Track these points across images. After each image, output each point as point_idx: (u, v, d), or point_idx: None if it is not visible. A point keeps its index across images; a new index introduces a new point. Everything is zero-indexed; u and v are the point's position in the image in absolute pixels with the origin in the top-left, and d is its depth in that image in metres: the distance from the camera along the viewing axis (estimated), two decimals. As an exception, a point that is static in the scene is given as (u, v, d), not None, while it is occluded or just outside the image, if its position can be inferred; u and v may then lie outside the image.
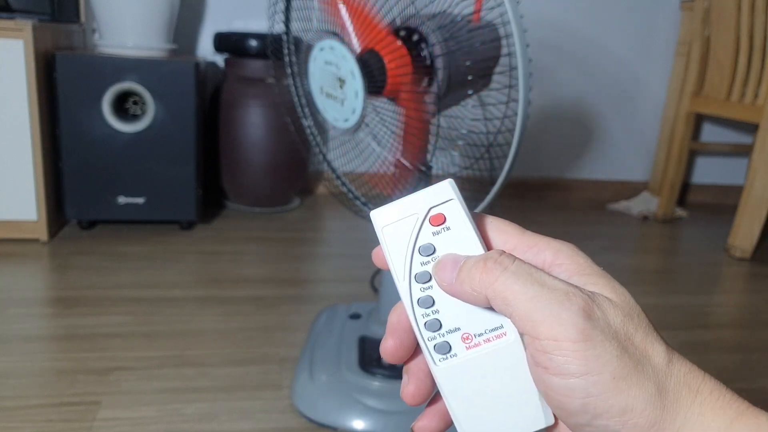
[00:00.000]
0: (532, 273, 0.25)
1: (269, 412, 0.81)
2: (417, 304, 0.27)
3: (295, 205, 1.80)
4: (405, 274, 0.27)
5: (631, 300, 0.26)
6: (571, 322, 0.23)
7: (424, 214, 0.27)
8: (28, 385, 0.82)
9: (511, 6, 0.54)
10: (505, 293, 0.25)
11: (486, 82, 0.69)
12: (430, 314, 0.27)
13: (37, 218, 1.33)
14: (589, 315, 0.24)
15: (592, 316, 0.24)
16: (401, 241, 0.27)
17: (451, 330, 0.27)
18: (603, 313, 0.24)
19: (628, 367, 0.24)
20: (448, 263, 0.26)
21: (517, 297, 0.24)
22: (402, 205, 0.27)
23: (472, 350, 0.26)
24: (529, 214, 1.91)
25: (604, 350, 0.23)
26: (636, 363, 0.24)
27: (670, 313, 1.24)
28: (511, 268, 0.25)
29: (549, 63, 2.00)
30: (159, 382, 0.85)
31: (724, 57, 1.70)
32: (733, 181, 2.27)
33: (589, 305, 0.24)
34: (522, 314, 0.24)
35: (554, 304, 0.24)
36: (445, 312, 0.27)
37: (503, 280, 0.25)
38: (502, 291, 0.25)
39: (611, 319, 0.24)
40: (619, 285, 0.27)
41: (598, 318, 0.24)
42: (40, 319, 1.01)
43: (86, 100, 1.33)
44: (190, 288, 1.18)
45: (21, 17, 1.27)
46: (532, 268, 0.25)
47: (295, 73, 0.83)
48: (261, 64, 1.59)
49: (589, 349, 0.23)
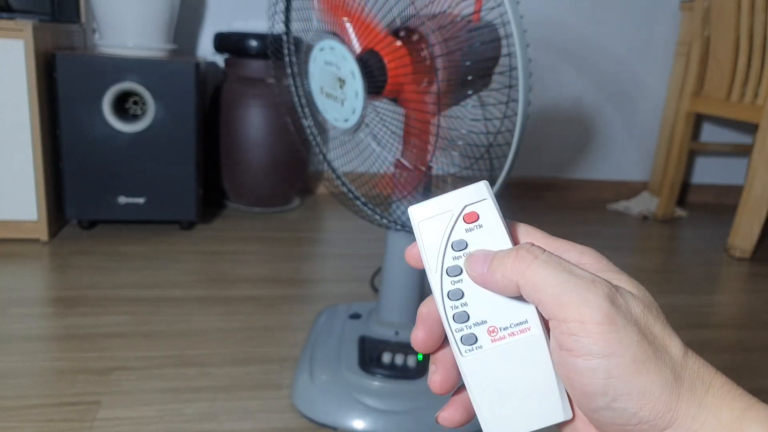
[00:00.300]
0: (561, 262, 0.27)
1: (269, 412, 0.81)
2: (447, 296, 0.28)
3: (295, 205, 1.80)
4: (437, 267, 0.29)
5: (650, 296, 0.28)
6: (597, 305, 0.25)
7: (459, 212, 0.29)
8: (28, 385, 0.82)
9: (511, 6, 0.55)
10: (536, 279, 0.26)
11: (486, 82, 0.70)
12: (459, 306, 0.28)
13: (37, 218, 1.33)
14: (613, 301, 0.25)
15: (616, 302, 0.26)
16: (436, 235, 0.29)
17: (478, 322, 0.28)
18: (625, 301, 0.26)
19: (647, 353, 0.25)
20: (480, 256, 0.28)
21: (546, 282, 0.26)
22: (438, 202, 0.29)
23: (497, 343, 0.28)
24: (529, 213, 1.91)
25: (626, 334, 0.25)
26: (655, 350, 0.25)
27: (670, 313, 1.24)
28: (541, 257, 0.27)
29: (549, 63, 2.00)
30: (159, 382, 0.85)
31: (724, 57, 1.70)
32: (733, 181, 2.27)
33: (613, 293, 0.26)
34: (551, 299, 0.26)
35: (582, 289, 0.25)
36: (473, 305, 0.28)
37: (534, 267, 0.26)
38: (533, 277, 0.26)
39: (633, 308, 0.26)
40: (639, 284, 0.28)
41: (621, 305, 0.26)
42: (40, 319, 1.01)
43: (86, 100, 1.34)
44: (190, 288, 1.18)
45: (21, 17, 1.27)
46: (561, 258, 0.27)
47: (295, 74, 0.83)
48: (261, 65, 1.59)
49: (613, 332, 0.25)
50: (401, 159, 0.77)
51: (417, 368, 0.80)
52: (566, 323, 0.25)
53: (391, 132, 0.68)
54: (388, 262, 0.86)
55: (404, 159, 0.77)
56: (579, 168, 2.16)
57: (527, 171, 2.12)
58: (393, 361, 0.81)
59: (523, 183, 2.11)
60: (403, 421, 0.76)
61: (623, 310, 0.25)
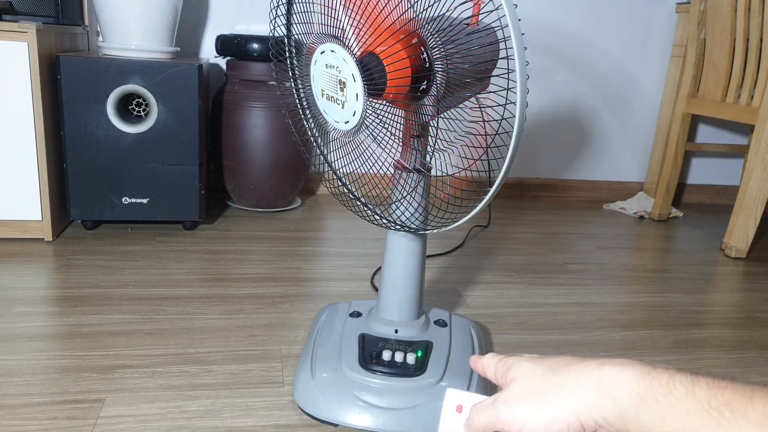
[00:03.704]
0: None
1: (271, 409, 0.82)
2: None
3: (297, 206, 1.82)
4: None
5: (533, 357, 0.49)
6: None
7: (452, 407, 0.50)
8: (32, 383, 0.84)
9: (509, 9, 0.56)
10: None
11: (484, 84, 0.71)
12: None
13: (41, 218, 1.34)
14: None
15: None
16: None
17: None
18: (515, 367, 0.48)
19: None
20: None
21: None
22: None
23: None
24: (526, 214, 1.93)
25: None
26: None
27: (665, 312, 1.25)
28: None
29: (546, 65, 2.01)
30: (162, 380, 0.87)
31: (720, 59, 1.72)
32: (728, 181, 2.29)
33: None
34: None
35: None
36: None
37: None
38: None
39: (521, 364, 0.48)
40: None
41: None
42: (44, 317, 1.03)
43: (90, 102, 1.35)
44: (193, 286, 1.19)
45: (25, 20, 1.28)
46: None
47: (296, 76, 0.84)
48: (263, 67, 1.61)
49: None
50: (401, 160, 0.79)
51: (416, 366, 0.82)
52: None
53: (391, 134, 0.69)
54: (387, 261, 0.87)
55: (404, 160, 0.79)
56: (576, 169, 2.17)
57: (525, 172, 2.14)
58: (393, 359, 0.82)
59: (521, 184, 2.13)
60: (402, 417, 0.77)
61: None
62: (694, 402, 0.32)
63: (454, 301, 1.23)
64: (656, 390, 0.34)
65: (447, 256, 1.49)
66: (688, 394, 0.33)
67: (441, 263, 1.44)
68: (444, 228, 0.74)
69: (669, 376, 0.35)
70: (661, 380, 0.35)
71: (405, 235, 0.85)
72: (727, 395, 0.32)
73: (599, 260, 1.55)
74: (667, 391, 0.34)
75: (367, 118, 0.69)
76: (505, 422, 0.42)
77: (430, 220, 0.80)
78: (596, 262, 1.54)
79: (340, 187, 0.84)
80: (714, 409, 0.32)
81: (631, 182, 2.21)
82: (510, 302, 1.24)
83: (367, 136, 0.72)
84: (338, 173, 0.84)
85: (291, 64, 0.85)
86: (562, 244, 1.66)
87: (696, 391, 0.33)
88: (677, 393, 0.34)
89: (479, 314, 1.17)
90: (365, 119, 0.69)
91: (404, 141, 0.76)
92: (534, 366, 0.42)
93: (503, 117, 0.61)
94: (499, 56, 0.68)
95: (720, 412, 0.31)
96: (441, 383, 0.81)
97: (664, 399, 0.34)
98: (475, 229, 1.71)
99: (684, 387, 0.34)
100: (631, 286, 1.39)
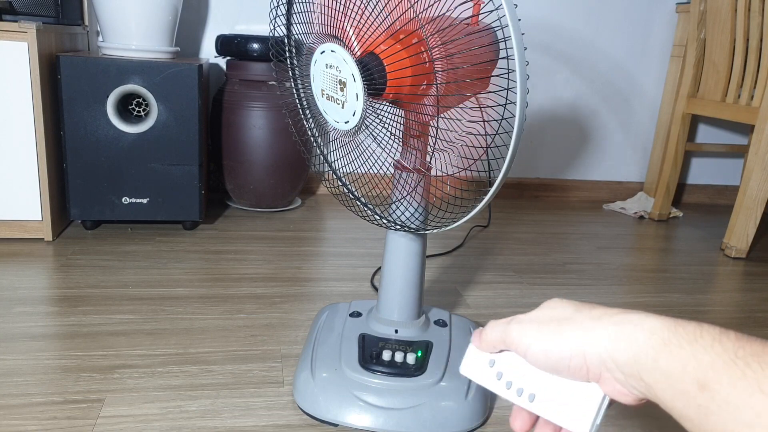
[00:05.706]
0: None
1: (271, 409, 0.82)
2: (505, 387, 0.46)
3: (297, 206, 1.82)
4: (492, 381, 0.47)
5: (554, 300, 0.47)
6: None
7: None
8: (32, 383, 0.84)
9: (509, 9, 0.56)
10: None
11: (484, 84, 0.71)
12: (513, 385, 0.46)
13: (41, 218, 1.35)
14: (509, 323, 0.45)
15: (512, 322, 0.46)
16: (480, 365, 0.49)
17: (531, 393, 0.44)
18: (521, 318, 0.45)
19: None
20: (476, 332, 0.47)
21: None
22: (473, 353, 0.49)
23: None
24: (526, 214, 1.93)
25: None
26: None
27: (665, 312, 1.25)
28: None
29: (546, 65, 2.02)
30: (162, 380, 0.87)
31: (720, 59, 1.72)
32: (728, 181, 2.29)
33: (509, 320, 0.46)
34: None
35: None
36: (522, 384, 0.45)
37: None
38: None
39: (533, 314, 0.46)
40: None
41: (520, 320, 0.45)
42: (44, 317, 1.03)
43: (90, 102, 1.35)
44: (193, 286, 1.19)
45: (25, 20, 1.28)
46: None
47: (296, 76, 0.84)
48: (263, 67, 1.61)
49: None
50: (401, 160, 0.79)
51: (416, 366, 0.82)
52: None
53: (391, 133, 0.70)
54: (387, 261, 0.88)
55: (404, 160, 0.79)
56: (576, 169, 2.18)
57: (525, 172, 2.14)
58: (393, 359, 0.82)
59: (521, 184, 2.13)
60: (402, 417, 0.77)
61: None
62: (721, 351, 0.32)
63: (454, 301, 1.23)
64: (681, 336, 0.34)
65: (447, 256, 1.49)
66: (715, 343, 0.32)
67: (441, 263, 1.44)
68: (444, 228, 0.74)
69: (697, 325, 0.34)
70: (688, 329, 0.34)
71: (405, 235, 0.85)
72: (756, 347, 0.31)
73: (599, 260, 1.55)
74: (693, 338, 0.33)
75: (367, 118, 0.69)
76: (513, 341, 0.42)
77: (430, 220, 0.80)
78: (596, 262, 1.54)
79: (340, 187, 0.84)
80: (740, 359, 0.31)
81: (631, 182, 2.22)
82: (510, 302, 1.24)
83: (367, 136, 0.72)
84: (338, 173, 0.84)
85: (291, 64, 0.85)
86: (562, 244, 1.66)
87: (723, 341, 0.32)
88: (703, 341, 0.33)
89: (479, 314, 1.17)
90: (365, 119, 0.69)
91: (404, 141, 0.77)
92: (563, 301, 0.42)
93: (503, 117, 0.61)
94: (499, 56, 0.68)
95: (747, 362, 0.31)
96: (441, 383, 0.81)
97: (688, 345, 0.33)
98: (475, 229, 1.72)
99: (711, 336, 0.33)
100: (631, 286, 1.40)
